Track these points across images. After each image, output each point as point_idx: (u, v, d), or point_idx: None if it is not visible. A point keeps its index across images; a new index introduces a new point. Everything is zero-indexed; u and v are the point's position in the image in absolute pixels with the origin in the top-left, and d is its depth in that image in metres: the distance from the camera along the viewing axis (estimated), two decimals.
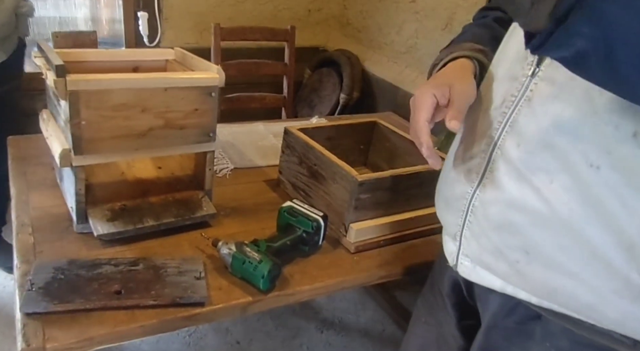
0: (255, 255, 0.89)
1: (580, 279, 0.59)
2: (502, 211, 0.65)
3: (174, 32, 2.41)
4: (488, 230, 0.68)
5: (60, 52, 0.97)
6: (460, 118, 0.67)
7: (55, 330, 0.75)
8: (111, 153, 0.95)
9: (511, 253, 0.65)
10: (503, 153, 0.65)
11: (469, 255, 0.73)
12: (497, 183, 0.66)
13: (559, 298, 0.63)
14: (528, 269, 0.64)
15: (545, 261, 0.62)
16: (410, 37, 2.23)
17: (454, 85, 0.70)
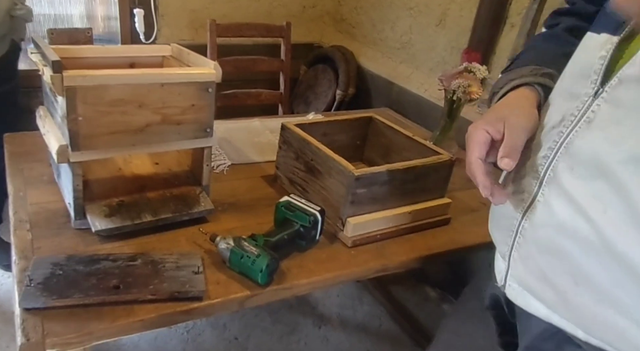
0: (253, 249, 0.90)
1: (632, 316, 0.56)
2: (551, 236, 0.62)
3: (169, 29, 2.41)
4: (536, 254, 0.65)
5: (56, 48, 0.97)
6: (514, 155, 0.64)
7: (55, 325, 0.76)
8: (108, 149, 0.96)
9: (559, 281, 0.62)
10: (555, 176, 0.62)
11: (516, 278, 0.70)
12: (547, 206, 0.63)
13: (609, 336, 0.59)
14: (577, 300, 0.61)
15: (596, 294, 0.58)
16: (404, 33, 2.24)
17: (509, 120, 0.66)
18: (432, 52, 2.10)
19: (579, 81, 0.61)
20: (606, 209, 0.56)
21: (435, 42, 2.08)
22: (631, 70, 0.54)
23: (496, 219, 0.75)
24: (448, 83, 1.42)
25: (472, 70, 1.42)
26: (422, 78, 2.15)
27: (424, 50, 2.15)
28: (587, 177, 0.58)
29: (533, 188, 0.65)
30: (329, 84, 2.52)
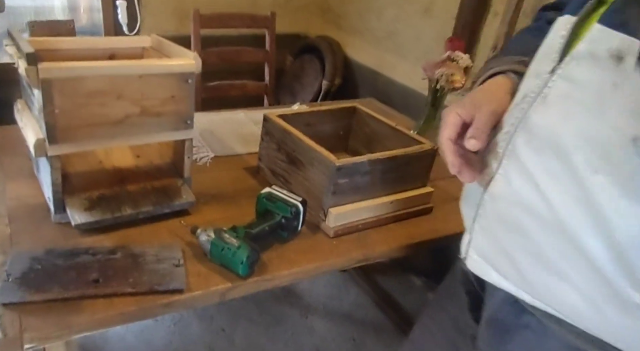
0: (234, 241, 0.90)
1: (575, 285, 0.59)
2: (508, 208, 0.65)
3: (153, 20, 2.38)
4: (495, 225, 0.68)
5: (33, 40, 0.96)
6: (480, 136, 0.66)
7: (33, 320, 0.75)
8: (87, 142, 0.95)
9: (515, 253, 0.65)
10: (514, 150, 0.64)
11: (477, 250, 0.73)
12: (506, 179, 0.65)
13: (554, 302, 0.63)
14: (529, 271, 0.64)
15: (545, 264, 0.61)
16: (390, 22, 2.23)
17: (480, 104, 0.69)
18: (418, 41, 2.10)
19: (542, 61, 0.64)
20: (556, 182, 0.58)
21: (421, 31, 2.08)
22: (582, 47, 0.57)
23: (465, 195, 0.78)
24: (431, 72, 1.42)
25: (455, 59, 1.42)
26: (408, 67, 2.15)
27: (410, 40, 2.14)
28: (541, 150, 0.60)
29: (495, 163, 0.67)
30: (315, 74, 2.51)
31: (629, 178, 0.53)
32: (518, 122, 0.64)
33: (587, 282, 0.58)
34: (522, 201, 0.62)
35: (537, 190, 0.60)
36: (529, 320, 0.69)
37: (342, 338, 1.84)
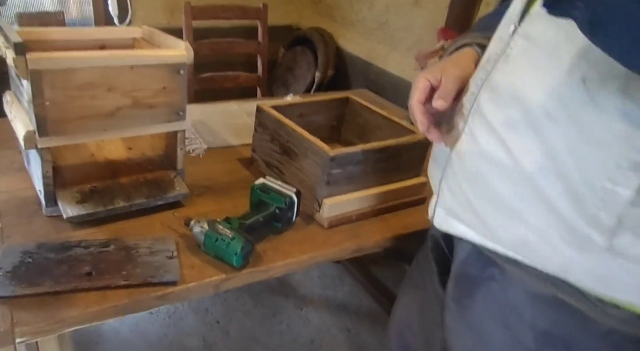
0: (228, 232, 0.89)
1: (534, 227, 0.63)
2: (474, 163, 0.69)
3: (144, 12, 2.36)
4: (461, 181, 0.72)
5: (21, 31, 0.94)
6: (446, 97, 0.72)
7: (24, 314, 0.75)
8: (78, 134, 0.94)
9: (479, 203, 0.69)
10: (479, 107, 0.68)
11: (443, 206, 0.77)
12: (471, 135, 0.69)
13: (515, 246, 0.67)
14: (491, 218, 0.68)
15: (506, 210, 0.66)
16: (381, 13, 2.22)
17: (446, 70, 0.75)
18: (410, 31, 2.09)
19: (505, 25, 0.68)
20: (517, 132, 0.62)
21: (412, 21, 2.07)
22: (538, 6, 0.61)
23: (434, 159, 0.82)
24: (423, 62, 1.41)
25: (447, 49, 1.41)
26: (399, 58, 2.14)
27: (401, 30, 2.13)
28: (502, 105, 0.64)
29: (462, 123, 0.72)
30: (308, 66, 2.50)
31: (581, 121, 0.56)
32: (482, 82, 0.68)
33: (543, 222, 0.62)
34: (486, 154, 0.67)
35: (500, 142, 0.64)
36: (492, 272, 0.73)
37: (337, 328, 1.85)
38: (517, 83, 0.63)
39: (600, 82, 0.55)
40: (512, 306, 0.71)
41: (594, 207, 0.57)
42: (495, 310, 0.73)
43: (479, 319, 0.76)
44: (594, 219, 0.58)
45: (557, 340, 0.68)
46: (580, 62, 0.56)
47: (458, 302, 0.80)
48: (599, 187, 0.56)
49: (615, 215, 0.57)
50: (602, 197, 0.57)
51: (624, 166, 0.55)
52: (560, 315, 0.67)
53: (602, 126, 0.55)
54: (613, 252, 0.58)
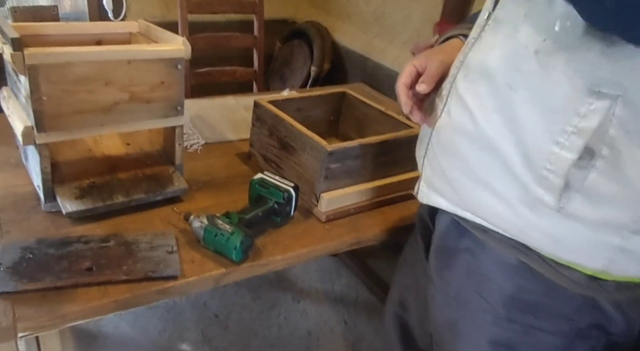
0: (227, 227, 0.90)
1: (496, 191, 0.68)
2: (448, 136, 0.73)
3: (139, 6, 2.35)
4: (438, 155, 0.76)
5: (17, 26, 0.94)
6: (429, 82, 0.78)
7: (26, 309, 0.75)
8: (76, 130, 0.94)
9: (451, 172, 0.74)
10: (455, 86, 0.73)
11: (425, 181, 0.82)
12: (448, 112, 0.74)
13: (481, 211, 0.71)
14: (461, 186, 0.73)
15: (473, 177, 0.70)
16: (378, 6, 2.22)
17: (432, 56, 0.81)
18: (406, 25, 2.09)
19: (482, 13, 0.72)
20: (482, 103, 0.67)
21: (409, 14, 2.07)
22: None
23: (419, 140, 0.86)
24: None
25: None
26: (396, 52, 2.14)
27: (398, 23, 2.13)
28: (474, 80, 0.69)
29: (441, 105, 0.76)
30: (304, 60, 2.49)
31: (534, 89, 0.62)
32: (460, 64, 0.73)
33: (505, 187, 0.66)
34: (457, 126, 0.71)
35: (469, 114, 0.69)
36: (467, 243, 0.77)
37: (335, 321, 1.86)
38: (484, 59, 0.68)
39: (549, 53, 0.60)
40: (484, 274, 0.75)
41: (544, 170, 0.62)
42: (470, 280, 0.77)
43: (457, 290, 0.80)
44: (544, 181, 0.62)
45: (524, 304, 0.72)
46: (534, 36, 0.61)
47: (439, 275, 0.84)
48: (548, 151, 0.61)
49: (562, 177, 0.61)
50: (550, 159, 0.61)
51: (568, 131, 0.59)
52: (526, 280, 0.71)
53: (550, 94, 0.60)
54: (563, 213, 0.62)
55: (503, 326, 0.74)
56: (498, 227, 0.70)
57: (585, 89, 0.58)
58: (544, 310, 0.71)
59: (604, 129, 0.58)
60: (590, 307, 0.69)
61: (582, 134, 0.59)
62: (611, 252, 0.62)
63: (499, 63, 0.65)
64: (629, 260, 0.63)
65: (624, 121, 0.57)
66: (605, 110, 0.57)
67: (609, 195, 0.60)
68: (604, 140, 0.58)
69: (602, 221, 0.61)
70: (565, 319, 0.70)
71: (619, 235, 0.61)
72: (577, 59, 0.58)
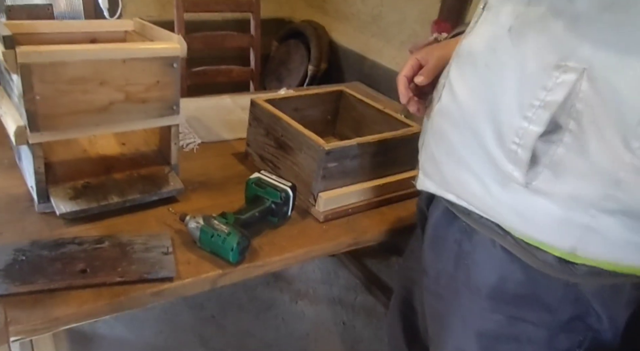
0: (224, 227, 0.88)
1: (473, 170, 0.69)
2: (439, 120, 0.75)
3: (135, 5, 2.33)
4: (431, 141, 0.78)
5: (10, 24, 0.93)
6: (427, 75, 0.83)
7: (18, 312, 0.74)
8: (70, 130, 0.92)
9: (439, 156, 0.75)
10: (449, 74, 0.74)
11: (420, 168, 0.83)
12: (439, 100, 0.75)
13: (463, 192, 0.72)
14: (446, 168, 0.74)
15: (456, 158, 0.72)
16: (375, 6, 2.21)
17: (433, 51, 0.85)
18: (403, 24, 2.08)
19: (480, 4, 0.74)
20: (465, 84, 0.69)
21: (406, 14, 2.06)
22: None
23: (421, 133, 0.86)
24: None
25: (441, 41, 1.41)
26: (393, 51, 2.14)
27: (395, 23, 2.12)
28: (461, 64, 0.71)
29: (438, 95, 0.77)
30: (301, 59, 2.48)
31: (506, 65, 0.63)
32: (455, 54, 0.74)
33: (480, 166, 0.68)
34: (445, 110, 0.73)
35: (453, 96, 0.71)
36: (455, 236, 0.78)
37: (333, 322, 1.85)
38: (471, 44, 0.70)
39: (520, 29, 0.62)
40: (469, 266, 0.75)
41: (513, 144, 0.63)
42: (458, 272, 0.78)
43: (446, 281, 0.81)
44: (513, 155, 0.63)
45: (507, 295, 0.72)
46: (510, 16, 0.63)
47: (431, 266, 0.84)
48: (517, 125, 0.62)
49: (529, 150, 0.62)
50: (519, 133, 0.62)
51: (535, 105, 0.60)
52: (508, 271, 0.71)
53: (520, 70, 0.62)
54: (531, 189, 0.63)
55: (488, 318, 0.75)
56: (476, 207, 0.71)
57: (552, 64, 0.59)
58: (526, 300, 0.71)
59: (570, 103, 0.59)
60: (573, 300, 0.69)
61: (548, 107, 0.60)
62: (579, 231, 0.62)
63: (480, 45, 0.68)
64: (597, 241, 0.62)
65: (589, 96, 0.58)
66: (571, 83, 0.58)
67: (576, 170, 0.60)
68: (570, 114, 0.59)
69: (570, 197, 0.61)
70: (548, 310, 0.70)
71: (587, 213, 0.61)
72: (544, 34, 0.60)
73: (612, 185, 0.59)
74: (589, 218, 0.61)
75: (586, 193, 0.60)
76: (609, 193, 0.59)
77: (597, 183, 0.60)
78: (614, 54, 0.56)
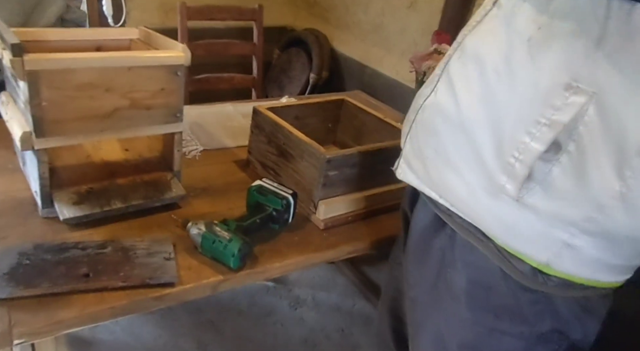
0: (225, 234, 0.89)
1: (462, 175, 0.69)
2: (430, 115, 0.75)
3: (139, 12, 2.35)
4: (419, 132, 0.77)
5: (18, 31, 0.94)
6: None
7: (22, 315, 0.75)
8: (75, 135, 0.94)
9: (426, 150, 0.75)
10: (448, 67, 0.73)
11: (404, 157, 0.82)
12: (435, 93, 0.75)
13: (446, 193, 0.73)
14: (432, 165, 0.74)
15: (444, 159, 0.71)
16: (376, 15, 2.23)
17: None
18: (404, 34, 2.10)
19: None
20: (469, 86, 0.68)
21: (407, 24, 2.09)
22: None
23: (406, 117, 0.85)
24: (419, 65, 1.42)
25: (442, 51, 1.43)
26: (394, 61, 2.16)
27: (396, 33, 2.15)
28: (465, 63, 0.70)
29: (433, 83, 0.76)
30: (302, 67, 2.50)
31: (517, 77, 0.62)
32: (457, 45, 0.73)
33: (471, 172, 0.68)
34: (441, 106, 0.72)
35: (454, 97, 0.70)
36: (440, 243, 0.78)
37: (331, 328, 1.85)
38: (479, 43, 0.69)
39: (540, 42, 0.61)
40: (452, 275, 0.76)
41: (512, 157, 0.63)
42: (440, 280, 0.78)
43: (429, 288, 0.81)
44: (509, 168, 0.63)
45: (487, 305, 0.73)
46: (530, 24, 0.62)
47: (413, 273, 0.85)
48: (518, 139, 0.62)
49: (527, 167, 0.62)
50: (519, 148, 0.62)
51: (541, 122, 0.60)
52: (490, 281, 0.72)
53: (532, 84, 0.61)
54: (521, 204, 0.64)
55: (468, 328, 0.75)
56: (460, 210, 0.72)
57: (564, 83, 0.59)
58: (506, 311, 0.72)
59: (574, 125, 0.59)
60: (549, 312, 0.70)
61: (553, 127, 0.60)
62: (557, 246, 0.64)
63: (491, 49, 0.66)
64: (571, 258, 0.64)
65: (593, 121, 0.58)
66: (579, 106, 0.58)
67: (566, 190, 0.61)
68: (572, 136, 0.59)
69: (554, 215, 0.63)
70: (526, 322, 0.71)
71: (567, 231, 0.63)
72: (565, 51, 0.59)
73: (596, 209, 0.61)
74: (569, 236, 0.63)
75: (570, 213, 0.62)
76: (591, 216, 0.61)
77: (583, 205, 0.61)
78: (626, 82, 0.56)
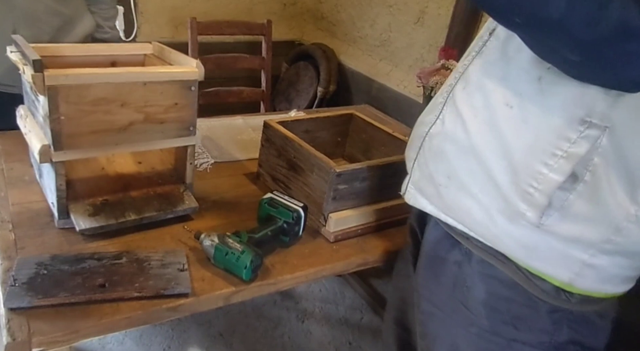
0: (238, 246, 0.91)
1: (478, 199, 0.71)
2: (440, 142, 0.77)
3: (149, 27, 2.39)
4: (428, 159, 0.80)
5: (36, 47, 0.97)
6: None
7: (41, 324, 0.76)
8: (91, 149, 0.96)
9: (438, 177, 0.77)
10: (453, 95, 0.77)
11: (413, 183, 0.84)
12: (442, 120, 0.78)
13: (463, 218, 0.75)
14: (446, 191, 0.76)
15: (458, 184, 0.74)
16: (383, 30, 2.26)
17: None
18: (411, 49, 2.13)
19: (487, 26, 0.76)
20: (477, 114, 0.71)
21: (413, 39, 2.11)
22: None
23: (410, 143, 0.88)
24: (426, 80, 1.44)
25: (449, 67, 1.45)
26: (401, 75, 2.18)
27: (403, 48, 2.17)
28: (471, 93, 0.73)
29: (439, 110, 0.79)
30: (310, 81, 2.53)
31: (529, 111, 0.65)
32: (459, 75, 0.76)
33: (486, 196, 0.70)
34: (450, 134, 0.75)
35: (462, 123, 0.73)
36: (456, 257, 0.79)
37: (338, 341, 1.86)
38: (484, 75, 0.71)
39: (552, 82, 0.63)
40: (469, 287, 0.77)
41: (529, 187, 0.65)
42: (457, 292, 0.80)
43: (443, 301, 0.82)
44: (528, 197, 0.66)
45: (506, 316, 0.74)
46: (538, 63, 0.64)
47: (425, 285, 0.86)
48: (535, 170, 0.65)
49: (547, 197, 0.64)
50: (538, 178, 0.65)
51: (558, 154, 0.63)
52: (508, 292, 0.74)
53: (545, 118, 0.64)
54: (541, 229, 0.66)
55: (487, 339, 0.77)
56: (478, 234, 0.74)
57: (578, 118, 0.62)
58: (525, 322, 0.74)
59: (590, 156, 0.62)
60: (568, 319, 0.72)
61: (570, 159, 0.63)
62: (578, 267, 0.67)
63: (499, 81, 0.69)
64: (592, 276, 0.67)
65: (607, 151, 0.61)
66: (594, 139, 0.61)
67: (583, 215, 0.64)
68: (587, 166, 0.62)
69: (574, 238, 0.65)
70: (545, 332, 0.73)
71: (587, 252, 0.66)
72: (577, 88, 0.61)
73: (614, 231, 0.64)
74: (589, 257, 0.66)
75: (589, 235, 0.65)
76: (609, 238, 0.64)
77: (601, 228, 0.64)
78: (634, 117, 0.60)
